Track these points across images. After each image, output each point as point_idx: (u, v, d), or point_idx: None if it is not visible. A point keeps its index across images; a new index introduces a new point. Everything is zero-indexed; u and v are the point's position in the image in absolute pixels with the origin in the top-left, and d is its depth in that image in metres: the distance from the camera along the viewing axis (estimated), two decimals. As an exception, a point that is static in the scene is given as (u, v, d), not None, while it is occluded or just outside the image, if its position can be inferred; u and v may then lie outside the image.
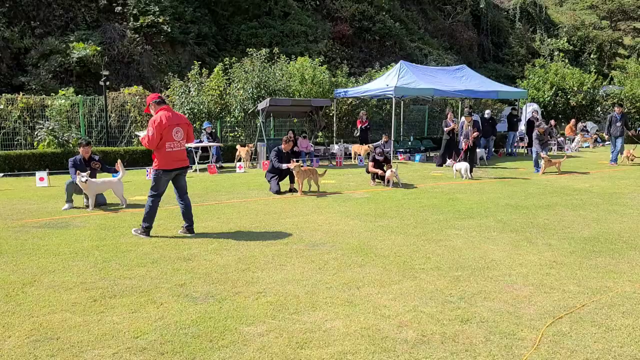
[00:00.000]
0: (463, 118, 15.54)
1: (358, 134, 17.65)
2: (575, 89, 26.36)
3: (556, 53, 40.81)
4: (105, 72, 15.99)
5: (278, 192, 9.93)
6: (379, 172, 10.91)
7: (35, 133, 14.60)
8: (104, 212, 8.12)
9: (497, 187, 10.62)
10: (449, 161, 12.05)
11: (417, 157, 16.61)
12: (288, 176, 10.26)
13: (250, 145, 15.15)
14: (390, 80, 16.89)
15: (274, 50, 18.36)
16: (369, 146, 16.64)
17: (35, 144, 14.95)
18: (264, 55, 17.62)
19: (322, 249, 5.76)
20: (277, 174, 10.25)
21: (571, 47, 41.58)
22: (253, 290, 4.45)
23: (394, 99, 16.04)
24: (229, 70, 17.77)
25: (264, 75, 17.22)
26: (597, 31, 44.56)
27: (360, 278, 4.72)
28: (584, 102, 26.32)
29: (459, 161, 12.32)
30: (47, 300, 4.28)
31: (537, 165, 13.46)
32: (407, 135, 21.05)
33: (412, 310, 3.94)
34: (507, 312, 3.87)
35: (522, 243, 5.96)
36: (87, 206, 8.46)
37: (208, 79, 17.07)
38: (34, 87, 18.09)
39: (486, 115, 17.59)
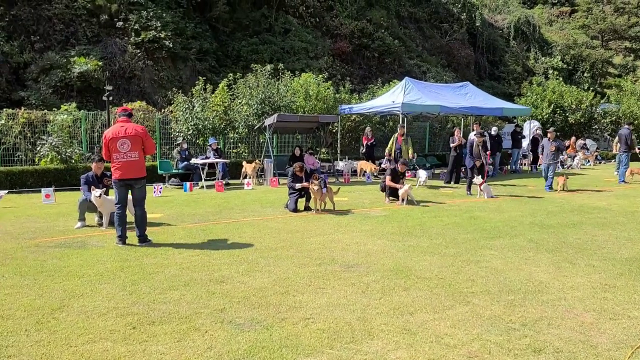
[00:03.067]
0: (472, 135, 15.50)
1: (364, 150, 17.51)
2: (574, 106, 26.55)
3: (550, 71, 41.40)
4: (109, 87, 15.77)
5: (295, 210, 9.71)
6: (399, 186, 10.71)
7: (38, 149, 14.27)
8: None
9: (515, 205, 10.47)
10: (475, 179, 11.82)
11: (422, 175, 15.70)
12: (305, 194, 10.05)
13: (257, 161, 14.90)
14: (396, 97, 16.81)
15: (278, 66, 18.23)
16: (373, 164, 16.50)
17: (36, 159, 14.62)
18: (268, 71, 17.50)
19: (358, 270, 5.54)
20: (297, 191, 10.06)
21: (565, 66, 42.09)
22: (299, 316, 4.21)
23: (400, 115, 15.95)
24: (233, 85, 17.61)
25: (269, 91, 17.07)
26: (590, 50, 45.21)
27: (409, 303, 4.50)
28: (582, 120, 26.48)
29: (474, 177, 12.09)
30: (82, 328, 4.01)
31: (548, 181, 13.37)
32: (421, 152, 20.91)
33: (477, 339, 3.72)
34: (579, 341, 3.66)
35: (563, 264, 5.78)
36: (101, 224, 8.18)
37: (213, 95, 16.88)
38: (33, 102, 17.78)
39: (492, 132, 17.57)
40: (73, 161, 14.17)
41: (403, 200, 10.62)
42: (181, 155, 14.82)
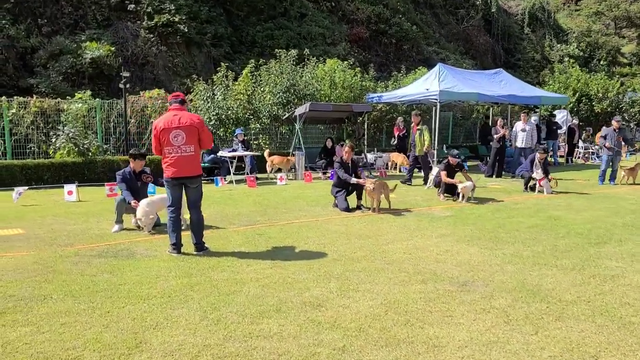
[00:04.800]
0: (518, 125, 14.57)
1: (395, 142, 16.56)
2: (600, 95, 25.61)
3: (566, 59, 40.37)
4: (126, 74, 14.69)
5: (347, 209, 8.77)
6: (457, 181, 9.80)
7: (52, 140, 13.25)
8: (164, 235, 6.88)
9: (586, 203, 9.59)
10: (536, 173, 10.83)
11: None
12: (355, 191, 9.10)
13: (290, 158, 13.82)
14: (430, 84, 15.82)
15: (304, 52, 17.18)
16: (405, 157, 15.58)
17: (50, 152, 13.60)
18: (292, 56, 16.47)
19: (477, 290, 4.63)
20: (344, 188, 9.10)
21: (581, 53, 41.07)
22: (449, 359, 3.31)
23: (438, 104, 14.98)
24: (255, 73, 16.57)
25: (294, 78, 16.06)
26: (605, 37, 44.16)
27: (579, 340, 3.60)
28: (609, 109, 25.56)
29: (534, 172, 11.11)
30: (178, 379, 3.09)
31: (603, 176, 12.49)
32: (444, 142, 19.96)
33: None
34: None
35: None
36: (139, 226, 7.22)
37: (235, 83, 15.85)
38: (43, 89, 16.69)
39: (533, 121, 16.60)
40: (90, 154, 13.15)
41: (463, 197, 9.71)
42: (207, 148, 13.82)
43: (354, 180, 8.90)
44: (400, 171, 15.32)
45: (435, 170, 11.70)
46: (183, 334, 3.72)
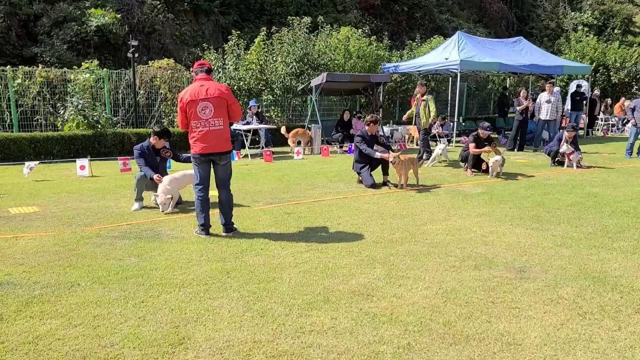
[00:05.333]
0: (542, 96, 14.04)
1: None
2: (618, 65, 24.87)
3: (580, 27, 39.26)
4: (134, 42, 14.11)
5: (373, 185, 8.39)
6: (486, 150, 9.42)
7: (62, 112, 12.81)
8: (188, 214, 6.54)
9: (621, 178, 9.20)
10: (564, 147, 10.31)
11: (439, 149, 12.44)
12: (380, 166, 8.68)
13: (308, 132, 13.30)
14: (449, 53, 15.25)
15: (318, 19, 16.52)
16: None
17: (58, 124, 13.18)
18: (306, 24, 15.82)
19: (538, 277, 4.28)
20: (367, 163, 8.68)
21: (595, 22, 39.95)
22: (528, 360, 2.97)
23: (459, 74, 14.43)
24: (266, 42, 15.96)
25: (309, 47, 15.46)
26: (619, 5, 42.89)
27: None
28: (626, 79, 24.86)
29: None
30: (233, 384, 2.77)
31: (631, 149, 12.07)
32: (452, 115, 19.44)
33: None
34: None
35: None
36: (160, 204, 6.84)
37: (247, 52, 15.27)
38: (48, 59, 16.16)
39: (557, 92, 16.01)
40: (100, 126, 12.71)
41: (493, 172, 9.31)
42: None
43: (377, 154, 8.46)
44: (417, 144, 14.86)
45: (438, 148, 11.00)
46: (228, 328, 3.39)
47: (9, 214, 6.53)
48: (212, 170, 5.52)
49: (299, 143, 12.93)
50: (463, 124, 17.55)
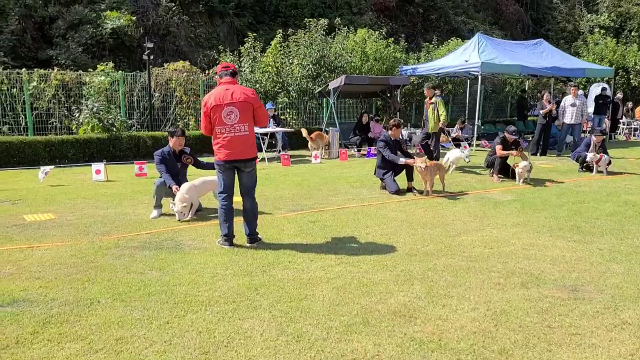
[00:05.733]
0: (566, 99, 13.63)
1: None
2: (638, 67, 24.33)
3: (597, 30, 38.58)
4: (150, 44, 13.95)
5: (398, 192, 8.08)
6: (514, 153, 9.10)
7: (77, 115, 12.63)
8: (209, 222, 6.28)
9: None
10: (591, 155, 9.97)
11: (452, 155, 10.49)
12: (405, 171, 8.36)
13: (326, 135, 12.96)
14: (469, 55, 14.91)
15: (335, 21, 16.24)
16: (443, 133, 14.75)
17: (73, 127, 13.01)
18: (322, 26, 15.55)
19: (593, 297, 3.95)
20: (391, 168, 8.36)
21: (612, 24, 39.24)
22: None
23: (479, 76, 14.08)
24: (282, 44, 15.70)
25: (325, 50, 15.18)
26: (637, 7, 42.10)
27: None
28: (646, 83, 24.31)
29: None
30: None
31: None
32: (470, 118, 19.06)
33: None
34: None
35: None
36: (176, 213, 6.55)
37: (264, 54, 15.02)
38: (63, 61, 16.03)
39: (582, 95, 15.58)
40: (115, 129, 12.52)
41: (520, 179, 8.96)
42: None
43: (402, 160, 8.14)
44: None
45: (453, 154, 10.12)
46: (263, 355, 3.10)
47: (24, 221, 6.31)
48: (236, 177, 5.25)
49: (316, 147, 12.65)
50: (482, 127, 17.14)
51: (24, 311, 3.66)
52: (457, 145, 13.85)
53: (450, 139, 14.51)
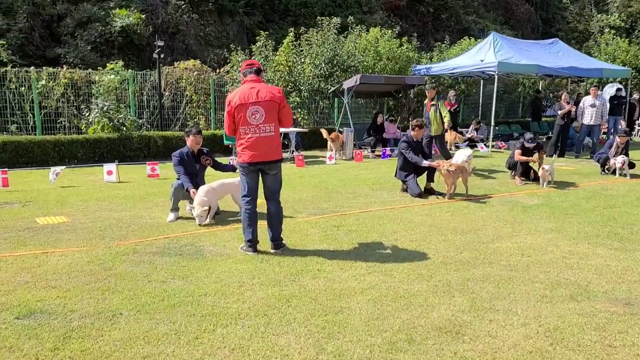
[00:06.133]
0: (586, 100, 13.30)
1: (447, 118, 15.38)
2: (654, 68, 23.95)
3: (607, 30, 38.15)
4: (160, 43, 13.73)
5: (420, 195, 7.81)
6: (533, 159, 8.85)
7: (86, 114, 12.42)
8: (229, 227, 6.03)
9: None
10: (616, 159, 9.68)
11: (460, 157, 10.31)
12: (426, 173, 8.10)
13: (341, 136, 12.64)
14: (484, 54, 14.62)
15: (348, 19, 15.99)
16: (457, 133, 14.50)
17: (82, 127, 12.80)
18: (335, 25, 15.28)
19: (649, 312, 3.68)
20: (413, 171, 8.09)
21: (622, 24, 38.82)
22: None
23: (496, 76, 13.79)
24: (294, 43, 15.45)
25: (338, 49, 14.92)
26: (648, 7, 41.62)
27: None
28: (661, 84, 23.92)
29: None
30: None
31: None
32: (482, 119, 18.75)
33: None
34: None
35: None
36: (196, 217, 6.31)
37: (276, 53, 14.77)
38: (71, 60, 15.83)
39: (602, 95, 15.26)
40: (125, 129, 12.29)
41: (544, 182, 8.69)
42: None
43: (425, 162, 7.88)
44: (450, 149, 14.24)
45: (461, 156, 8.96)
46: (306, 377, 2.84)
47: (36, 224, 6.07)
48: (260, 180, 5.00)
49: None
50: (497, 128, 16.83)
51: (42, 324, 3.42)
52: (472, 147, 13.59)
53: (463, 138, 14.24)
